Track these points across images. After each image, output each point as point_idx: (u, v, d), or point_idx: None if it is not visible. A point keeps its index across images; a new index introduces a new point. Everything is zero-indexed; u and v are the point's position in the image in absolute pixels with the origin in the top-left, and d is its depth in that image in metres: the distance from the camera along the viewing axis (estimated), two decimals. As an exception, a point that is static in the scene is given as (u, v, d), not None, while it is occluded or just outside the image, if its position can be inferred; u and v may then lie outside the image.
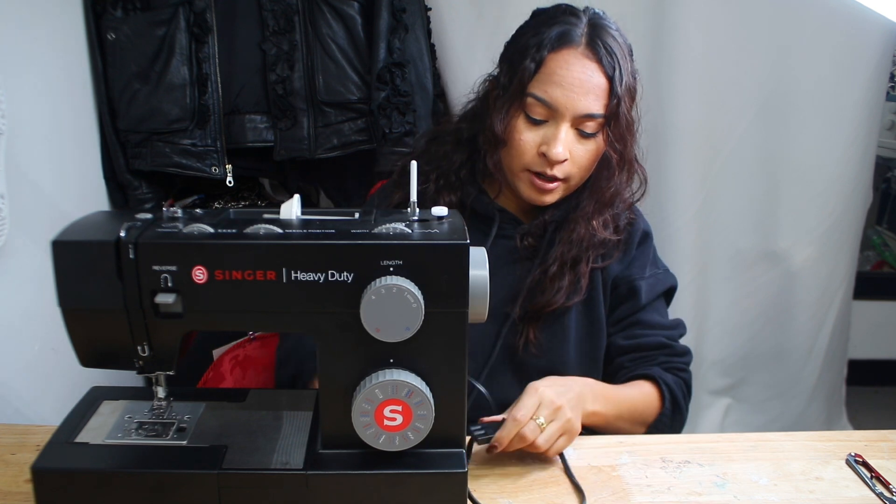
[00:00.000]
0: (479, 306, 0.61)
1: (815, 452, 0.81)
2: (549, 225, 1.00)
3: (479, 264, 0.60)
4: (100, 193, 1.46)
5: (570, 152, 0.92)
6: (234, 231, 0.58)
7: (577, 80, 0.90)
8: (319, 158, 1.45)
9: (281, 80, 1.42)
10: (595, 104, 0.91)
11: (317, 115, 1.44)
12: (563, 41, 0.91)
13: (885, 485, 0.75)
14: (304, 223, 0.61)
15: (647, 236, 1.06)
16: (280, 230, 0.58)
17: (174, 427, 0.66)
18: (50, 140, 1.25)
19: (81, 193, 1.39)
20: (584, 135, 0.92)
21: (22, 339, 1.14)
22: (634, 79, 0.96)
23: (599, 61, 0.91)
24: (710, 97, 1.55)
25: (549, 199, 0.96)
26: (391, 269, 0.57)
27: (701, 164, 1.62)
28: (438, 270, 0.57)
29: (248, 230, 0.58)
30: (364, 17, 1.41)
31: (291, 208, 0.62)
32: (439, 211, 0.63)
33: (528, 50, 0.93)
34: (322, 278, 0.57)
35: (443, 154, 1.04)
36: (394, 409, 0.59)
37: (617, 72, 0.91)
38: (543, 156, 0.92)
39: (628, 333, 1.01)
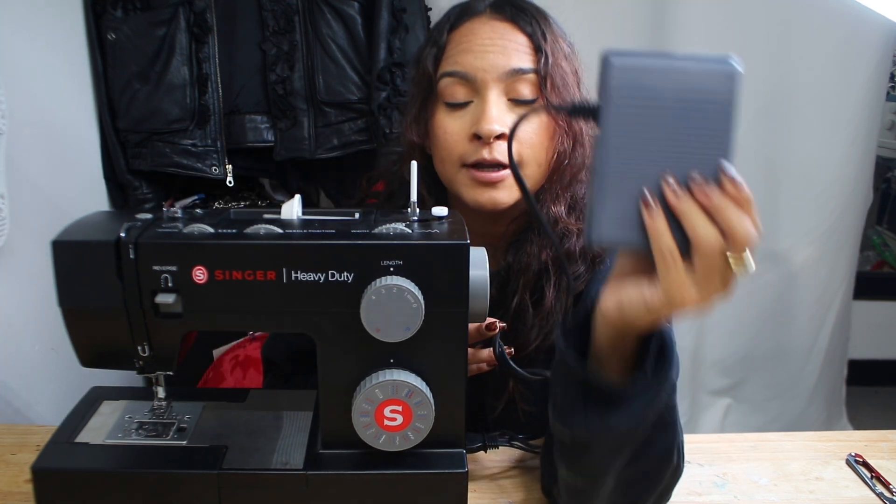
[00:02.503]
0: (480, 306, 0.61)
1: (815, 452, 0.81)
2: (513, 269, 0.80)
3: (479, 264, 0.60)
4: (100, 193, 1.46)
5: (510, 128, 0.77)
6: (234, 231, 0.58)
7: (488, 40, 0.76)
8: (319, 158, 1.45)
9: (281, 80, 1.42)
10: (518, 58, 0.75)
11: (317, 115, 1.44)
12: (464, 15, 0.80)
13: (886, 485, 0.75)
14: (305, 223, 0.61)
15: None
16: (280, 230, 0.58)
17: (174, 427, 0.66)
18: (50, 140, 1.25)
19: (81, 193, 1.39)
20: (520, 103, 0.76)
21: (22, 339, 1.14)
22: (570, 50, 0.82)
23: (512, 20, 0.77)
24: (710, 97, 1.55)
25: (503, 195, 0.76)
26: (391, 269, 0.57)
27: (701, 164, 1.62)
28: (438, 270, 0.57)
29: (249, 230, 0.58)
30: (364, 17, 1.41)
31: (292, 208, 0.62)
32: (439, 211, 0.63)
33: (427, 44, 0.81)
34: (322, 278, 0.57)
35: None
36: (394, 409, 0.59)
37: (537, 28, 0.77)
38: (476, 137, 0.75)
39: None
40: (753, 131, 1.62)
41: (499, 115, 0.75)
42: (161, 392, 0.67)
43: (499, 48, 0.76)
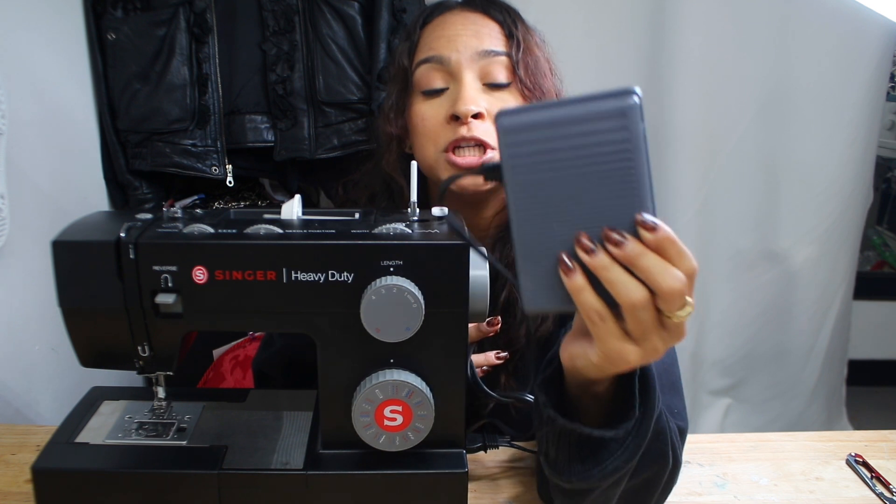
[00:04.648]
0: (479, 306, 0.61)
1: (815, 452, 0.81)
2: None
3: (479, 264, 0.60)
4: (100, 193, 1.46)
5: (488, 110, 0.76)
6: (234, 231, 0.58)
7: (461, 26, 0.78)
8: (320, 158, 1.45)
9: (281, 80, 1.42)
10: (491, 41, 0.77)
11: (317, 116, 1.44)
12: (437, 11, 0.83)
13: (886, 485, 0.75)
14: (305, 223, 0.62)
15: None
16: (280, 230, 0.58)
17: (174, 427, 0.66)
18: (50, 140, 1.25)
19: (81, 193, 1.39)
20: (495, 86, 0.77)
21: (22, 339, 1.14)
22: (543, 43, 0.83)
23: (483, 11, 0.80)
24: (710, 97, 1.56)
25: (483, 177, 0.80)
26: (391, 269, 0.57)
27: (701, 164, 1.62)
28: (438, 270, 0.57)
29: (249, 230, 0.58)
30: (364, 17, 1.41)
31: (292, 208, 0.62)
32: (439, 211, 0.63)
33: (402, 42, 0.84)
34: (322, 278, 0.57)
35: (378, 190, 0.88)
36: (394, 409, 0.59)
37: (507, 18, 0.79)
38: (454, 118, 0.76)
39: None
40: (753, 131, 1.62)
41: (475, 96, 0.76)
42: (161, 392, 0.67)
43: (471, 32, 0.78)
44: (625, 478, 0.58)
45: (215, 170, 1.44)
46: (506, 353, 0.75)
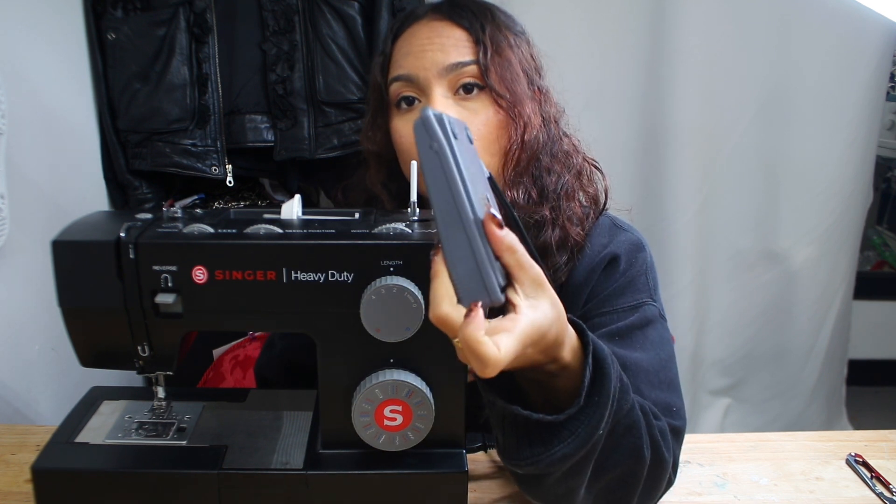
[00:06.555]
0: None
1: (815, 452, 0.81)
2: None
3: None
4: (100, 193, 1.46)
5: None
6: (234, 231, 0.58)
7: (426, 40, 0.78)
8: (320, 158, 1.45)
9: (281, 80, 1.42)
10: (457, 53, 0.77)
11: (317, 115, 1.44)
12: (406, 22, 0.82)
13: (885, 485, 0.75)
14: (305, 223, 0.62)
15: (614, 260, 0.80)
16: (280, 230, 0.58)
17: (174, 427, 0.66)
18: (50, 140, 1.25)
19: (81, 193, 1.39)
20: (467, 90, 0.77)
21: (22, 339, 1.14)
22: (519, 40, 0.82)
23: (449, 18, 0.79)
24: (710, 97, 1.56)
25: None
26: (391, 269, 0.57)
27: (701, 163, 1.62)
28: (438, 270, 0.57)
29: (249, 230, 0.58)
30: (364, 17, 1.41)
31: (292, 208, 0.62)
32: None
33: (377, 55, 0.85)
34: (322, 278, 0.57)
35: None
36: (394, 409, 0.59)
37: (475, 22, 0.78)
38: None
39: None
40: (753, 131, 1.62)
41: (445, 109, 0.75)
42: (161, 392, 0.67)
43: (437, 46, 0.77)
44: (584, 468, 0.58)
45: (215, 170, 1.44)
46: None
